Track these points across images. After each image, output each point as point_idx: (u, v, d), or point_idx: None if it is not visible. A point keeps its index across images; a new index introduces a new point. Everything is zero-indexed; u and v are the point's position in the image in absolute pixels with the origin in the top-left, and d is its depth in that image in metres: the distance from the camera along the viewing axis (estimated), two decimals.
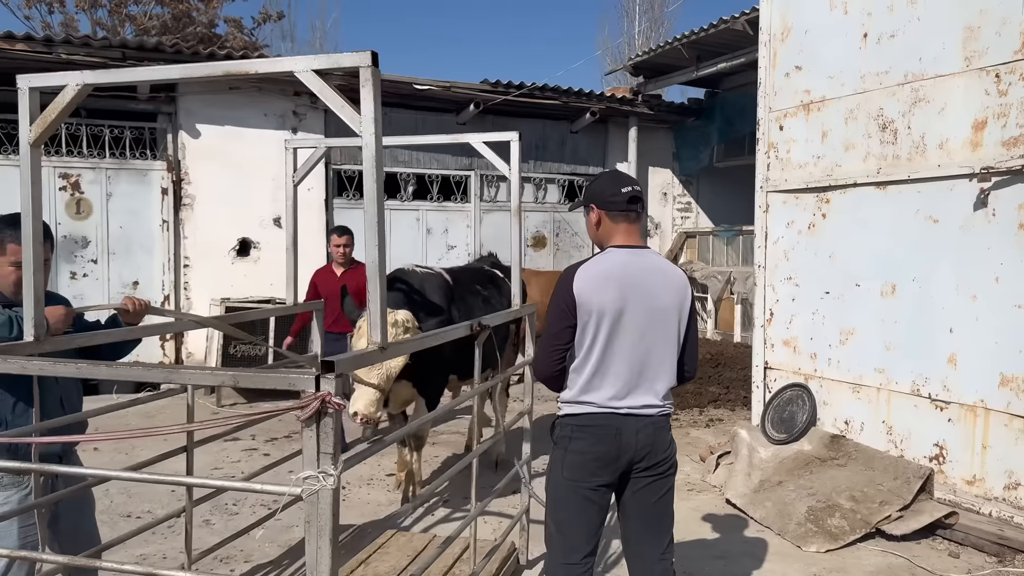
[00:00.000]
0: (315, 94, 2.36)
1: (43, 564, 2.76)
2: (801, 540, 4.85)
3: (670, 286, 2.88)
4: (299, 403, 2.10)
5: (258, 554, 4.64)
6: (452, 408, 6.45)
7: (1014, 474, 4.83)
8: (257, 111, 9.77)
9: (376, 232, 2.41)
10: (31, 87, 2.67)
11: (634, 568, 2.98)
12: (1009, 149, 4.82)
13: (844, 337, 5.95)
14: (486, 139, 4.25)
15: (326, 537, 2.14)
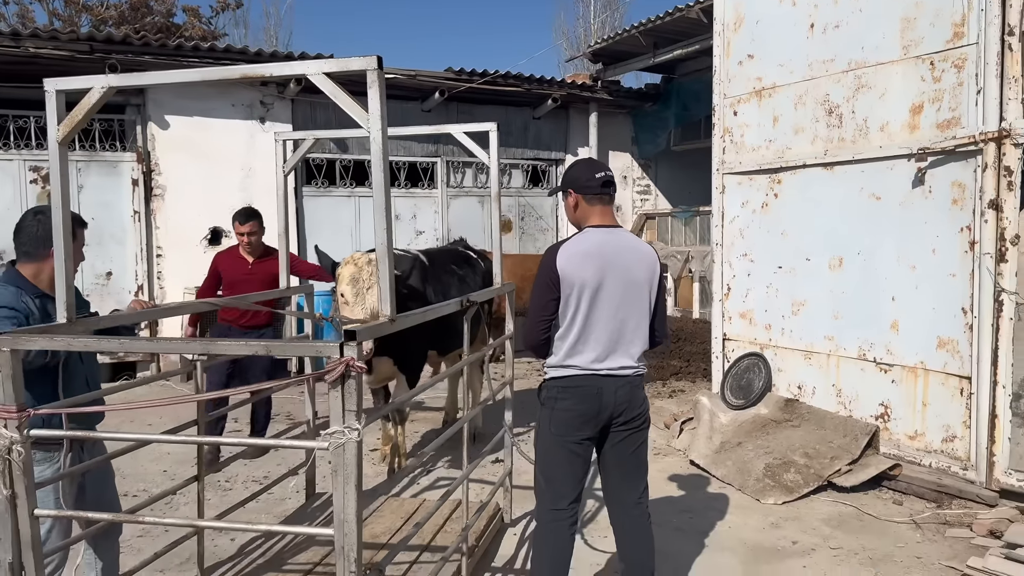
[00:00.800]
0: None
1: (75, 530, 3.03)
2: (760, 494, 5.28)
3: (642, 261, 3.23)
4: (326, 368, 2.41)
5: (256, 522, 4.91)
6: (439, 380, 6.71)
7: (950, 428, 5.30)
8: (225, 102, 9.89)
9: (384, 216, 2.71)
10: (57, 89, 2.89)
11: (614, 512, 3.35)
12: (943, 131, 5.26)
13: (796, 308, 6.39)
14: (466, 129, 4.55)
15: (352, 483, 2.45)
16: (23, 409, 2.63)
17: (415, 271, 5.63)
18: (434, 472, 5.88)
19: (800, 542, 4.56)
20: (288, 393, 8.47)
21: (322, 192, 10.69)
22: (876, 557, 4.32)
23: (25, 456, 2.64)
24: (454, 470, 5.88)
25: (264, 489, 4.71)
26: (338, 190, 10.88)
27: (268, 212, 10.03)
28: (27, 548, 2.71)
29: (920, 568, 4.18)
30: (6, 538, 2.68)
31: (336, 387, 2.43)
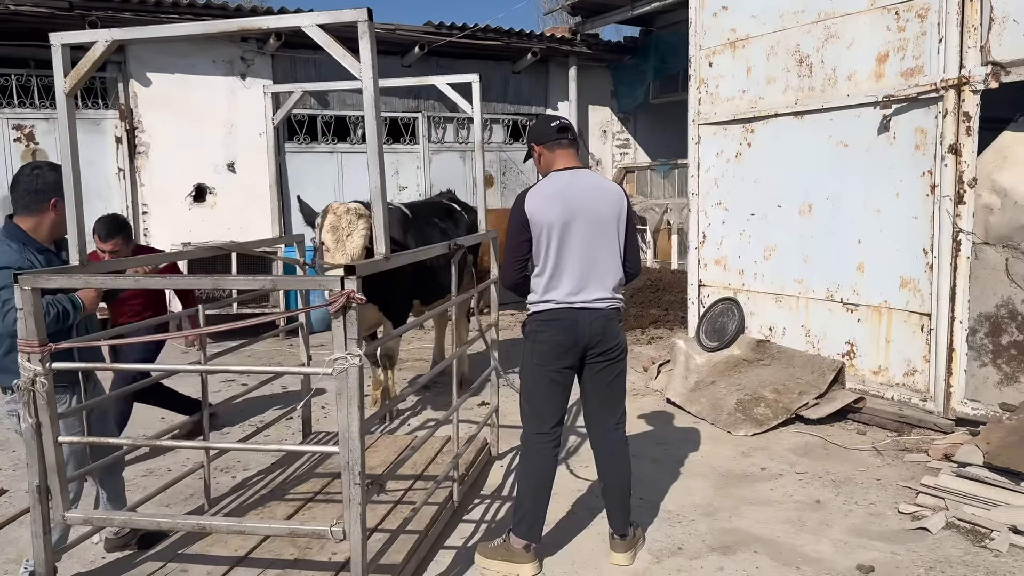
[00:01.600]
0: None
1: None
2: (731, 427, 5.59)
3: (607, 198, 3.46)
4: (329, 300, 2.63)
5: (254, 463, 5.15)
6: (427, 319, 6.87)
7: (911, 363, 5.61)
8: (206, 58, 9.91)
9: (377, 163, 2.91)
10: (63, 43, 3.03)
11: (594, 436, 3.63)
12: (907, 79, 5.48)
13: (768, 254, 6.65)
14: (449, 80, 4.72)
15: (355, 405, 2.69)
16: (45, 344, 2.84)
17: (397, 223, 5.81)
18: (423, 414, 6.14)
19: (768, 468, 4.88)
20: (280, 345, 8.69)
21: (304, 148, 10.77)
22: (839, 480, 4.64)
23: (48, 387, 2.85)
24: (443, 412, 6.14)
25: (263, 428, 4.97)
26: (320, 146, 10.97)
27: (250, 167, 10.23)
28: (52, 473, 2.94)
29: (878, 488, 4.50)
30: (33, 464, 2.90)
31: (338, 317, 2.65)
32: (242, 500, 4.13)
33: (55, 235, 3.42)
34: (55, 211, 3.33)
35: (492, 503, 4.40)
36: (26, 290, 2.78)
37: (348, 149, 11.18)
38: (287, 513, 3.90)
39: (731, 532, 3.98)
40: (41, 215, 3.34)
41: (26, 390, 2.83)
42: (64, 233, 3.28)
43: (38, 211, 3.33)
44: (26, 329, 2.81)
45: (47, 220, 3.34)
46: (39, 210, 3.33)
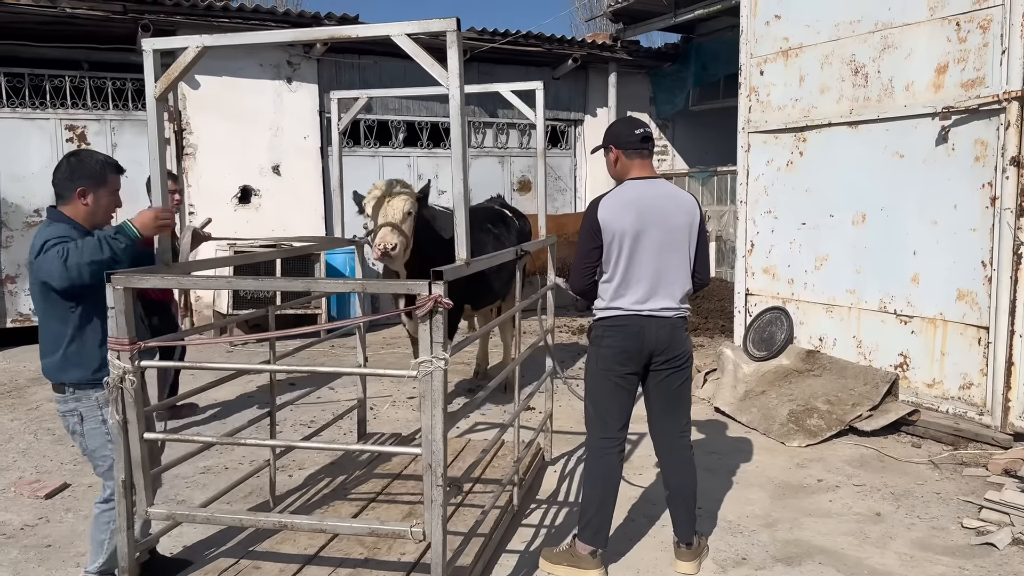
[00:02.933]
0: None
1: None
2: (784, 437, 5.56)
3: (681, 208, 3.47)
4: (417, 304, 2.66)
5: (308, 463, 5.21)
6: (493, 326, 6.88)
7: (967, 376, 5.56)
8: (253, 61, 10.05)
9: (461, 167, 2.94)
10: (154, 49, 3.10)
11: (658, 444, 3.64)
12: (967, 90, 5.44)
13: (819, 263, 6.62)
14: (513, 88, 4.75)
15: (439, 407, 2.72)
16: (134, 342, 2.90)
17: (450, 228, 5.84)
18: (471, 417, 6.18)
19: (825, 480, 4.85)
20: (323, 347, 8.77)
21: (347, 152, 10.86)
22: (897, 493, 4.61)
23: (136, 384, 2.91)
24: (488, 415, 6.18)
25: (321, 429, 5.01)
26: (362, 150, 11.08)
27: (295, 170, 10.36)
28: (137, 468, 3.00)
29: (939, 502, 4.46)
30: (119, 459, 2.96)
31: (425, 321, 2.68)
32: (306, 499, 4.18)
33: (94, 225, 3.26)
34: (83, 200, 3.21)
35: (549, 508, 4.41)
36: (118, 289, 2.84)
37: (389, 153, 11.28)
38: (351, 512, 3.94)
39: (793, 543, 3.97)
40: (74, 204, 3.22)
41: (115, 387, 2.90)
42: (102, 223, 3.28)
43: (70, 200, 3.22)
44: (116, 327, 2.88)
45: (81, 210, 3.22)
46: (70, 199, 3.21)
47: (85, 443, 3.25)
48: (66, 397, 3.21)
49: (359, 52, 10.68)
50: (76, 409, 3.21)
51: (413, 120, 11.39)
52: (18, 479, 4.94)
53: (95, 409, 3.18)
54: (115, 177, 3.36)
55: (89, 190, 3.22)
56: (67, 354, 3.15)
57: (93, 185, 3.23)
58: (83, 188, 3.21)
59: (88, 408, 3.19)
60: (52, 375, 3.21)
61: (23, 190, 9.13)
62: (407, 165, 11.41)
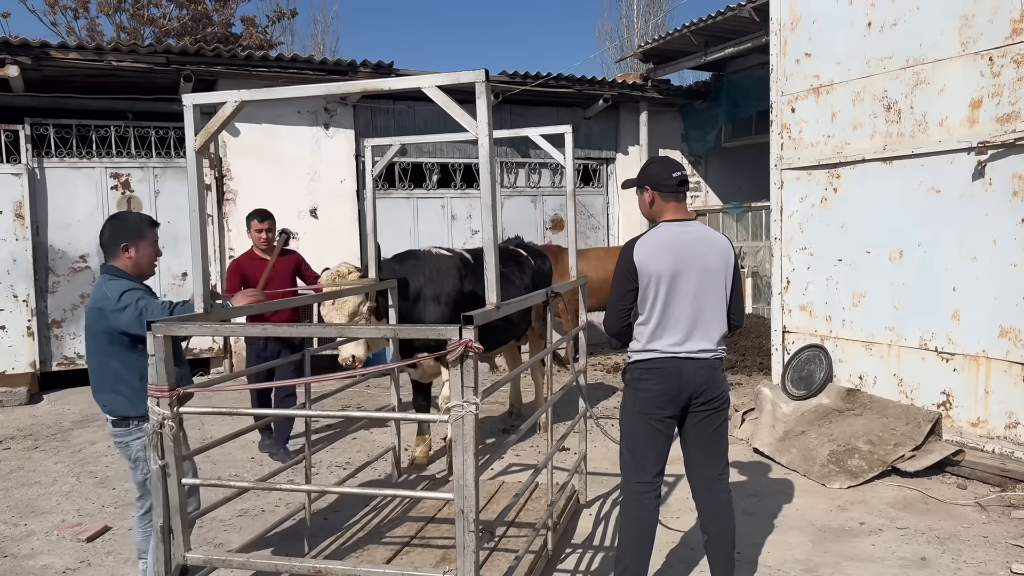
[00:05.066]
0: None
1: None
2: (825, 479, 5.46)
3: (716, 250, 3.47)
4: (448, 348, 2.69)
5: (343, 505, 5.22)
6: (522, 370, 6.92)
7: (1013, 415, 5.42)
8: (291, 108, 10.29)
9: (491, 211, 2.98)
10: (194, 104, 3.21)
11: (696, 488, 3.59)
12: (1003, 124, 5.38)
13: (856, 300, 6.53)
14: (543, 132, 4.81)
15: (471, 452, 2.73)
16: (174, 389, 2.97)
17: (454, 269, 5.85)
18: (505, 458, 6.16)
19: (867, 523, 4.74)
20: (359, 387, 8.82)
21: (382, 194, 11.03)
22: (943, 536, 4.48)
23: (176, 430, 2.97)
24: (522, 455, 6.15)
25: (356, 471, 5.04)
26: (397, 192, 11.24)
27: (331, 213, 10.54)
28: (175, 514, 3.05)
29: (986, 546, 4.33)
30: (158, 505, 3.02)
31: (456, 365, 2.71)
32: (340, 543, 4.19)
33: (140, 275, 3.69)
34: (127, 255, 3.62)
35: (585, 552, 4.37)
36: (158, 337, 2.92)
37: (423, 195, 11.43)
38: (386, 557, 3.94)
39: None
40: (121, 259, 3.63)
41: (155, 433, 2.96)
42: (147, 275, 3.72)
43: (116, 256, 3.63)
44: (156, 374, 2.95)
45: (127, 263, 3.63)
46: (115, 256, 3.64)
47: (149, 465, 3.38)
48: (131, 429, 3.58)
49: (394, 98, 10.89)
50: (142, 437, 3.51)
51: (447, 162, 11.55)
52: (61, 522, 5.03)
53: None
54: (152, 231, 3.75)
55: (131, 245, 3.63)
56: (138, 391, 3.40)
57: (135, 240, 3.64)
58: (126, 244, 3.62)
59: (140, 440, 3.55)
60: (120, 409, 3.56)
61: (69, 237, 9.40)
62: (441, 206, 11.55)
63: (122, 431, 3.60)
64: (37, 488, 5.74)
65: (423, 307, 5.60)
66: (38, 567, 4.36)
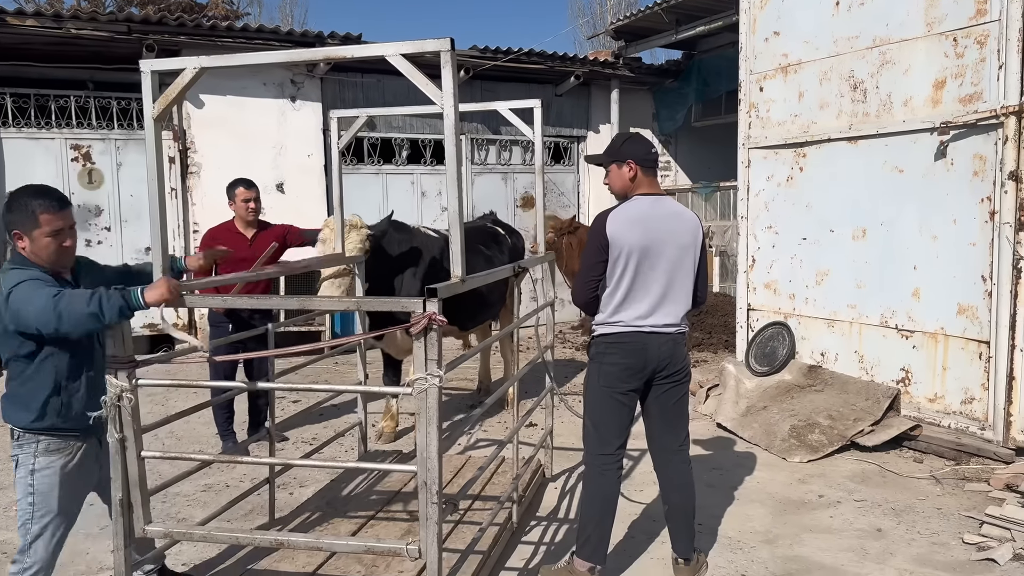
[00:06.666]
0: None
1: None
2: (786, 453, 5.55)
3: (685, 227, 3.49)
4: (411, 321, 2.68)
5: (310, 480, 5.22)
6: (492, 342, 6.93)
7: (969, 391, 5.54)
8: (257, 80, 10.12)
9: (456, 186, 2.95)
10: (152, 70, 3.13)
11: (657, 459, 3.64)
12: (965, 105, 5.46)
13: (820, 278, 6.62)
14: (511, 106, 4.78)
15: (434, 425, 2.73)
16: (132, 359, 2.93)
17: (437, 250, 5.84)
18: (473, 433, 6.17)
19: (826, 495, 4.83)
20: (326, 363, 8.77)
21: (351, 169, 10.92)
22: (899, 508, 4.59)
23: (135, 402, 2.93)
24: (490, 431, 6.17)
25: (321, 446, 5.03)
26: (366, 167, 11.13)
27: (298, 189, 10.41)
28: (135, 487, 3.01)
29: (940, 517, 4.44)
30: (117, 478, 2.98)
31: (419, 338, 2.70)
32: (305, 517, 4.18)
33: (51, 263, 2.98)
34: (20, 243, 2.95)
35: (549, 525, 4.40)
36: None
37: (393, 171, 11.33)
38: (350, 530, 3.94)
39: (794, 559, 3.95)
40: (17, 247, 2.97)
41: (112, 405, 2.91)
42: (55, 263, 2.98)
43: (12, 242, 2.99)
44: (114, 345, 2.90)
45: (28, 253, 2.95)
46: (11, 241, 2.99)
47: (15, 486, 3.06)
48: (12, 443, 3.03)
49: (362, 71, 10.75)
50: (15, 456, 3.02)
51: (416, 138, 11.45)
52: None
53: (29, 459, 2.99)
54: (53, 216, 2.93)
55: (23, 233, 2.94)
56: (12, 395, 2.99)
57: (26, 229, 2.93)
58: (17, 232, 2.94)
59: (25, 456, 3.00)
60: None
61: None
62: (411, 182, 11.46)
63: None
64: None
65: (405, 282, 5.59)
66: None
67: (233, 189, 5.94)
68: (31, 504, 2.97)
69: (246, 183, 5.89)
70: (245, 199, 5.82)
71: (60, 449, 3.01)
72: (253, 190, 5.86)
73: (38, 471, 2.96)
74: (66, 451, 3.03)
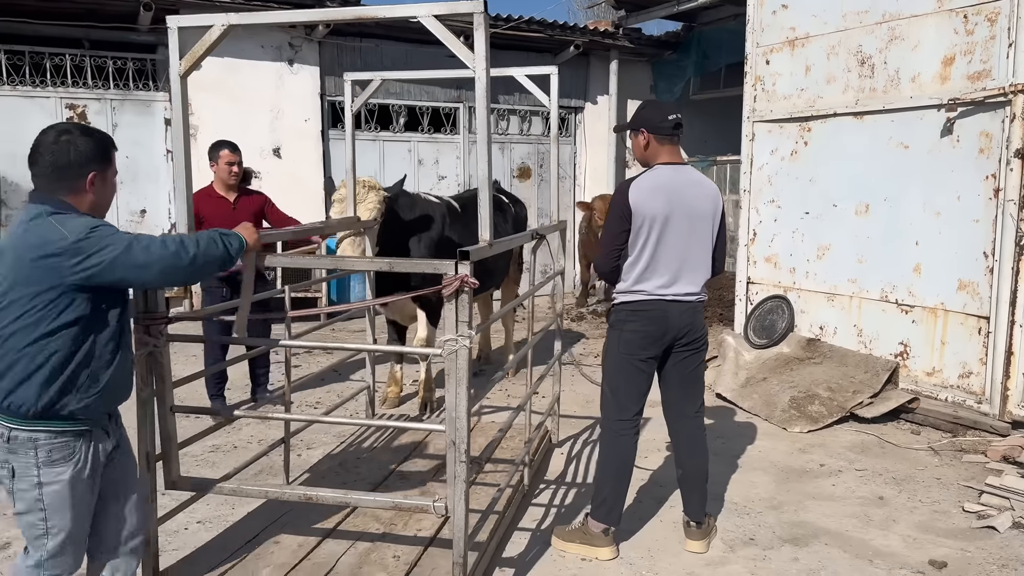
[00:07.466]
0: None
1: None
2: (786, 423, 5.64)
3: (706, 196, 3.52)
4: (443, 283, 2.70)
5: (317, 443, 5.25)
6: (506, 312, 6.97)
7: (967, 365, 5.64)
8: (254, 43, 10.00)
9: (486, 150, 2.97)
10: (180, 27, 3.12)
11: (673, 424, 3.70)
12: (974, 82, 5.49)
13: (821, 253, 6.68)
14: (528, 72, 4.79)
15: (464, 385, 2.77)
16: (165, 316, 2.93)
17: (439, 217, 5.83)
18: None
19: (827, 465, 4.93)
20: (323, 331, 8.78)
21: None
22: (899, 478, 4.69)
23: (165, 357, 2.95)
24: (492, 397, 6.23)
25: (332, 409, 5.06)
26: (363, 134, 11.04)
27: (295, 153, 10.34)
28: (167, 440, 3.04)
29: (940, 487, 4.55)
30: (144, 431, 2.99)
31: (451, 300, 2.73)
32: (320, 476, 4.22)
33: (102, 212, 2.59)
34: (93, 190, 2.51)
35: (558, 489, 4.47)
36: None
37: (390, 137, 11.26)
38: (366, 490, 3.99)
39: (799, 525, 4.04)
40: (78, 195, 2.49)
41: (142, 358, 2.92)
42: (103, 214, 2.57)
43: (73, 190, 2.48)
44: (147, 300, 2.91)
45: (85, 201, 2.49)
46: (75, 188, 2.48)
47: (13, 501, 2.46)
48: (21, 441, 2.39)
49: (361, 35, 10.65)
50: (7, 462, 2.40)
51: (414, 105, 11.37)
52: None
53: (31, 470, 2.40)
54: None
55: (99, 175, 2.52)
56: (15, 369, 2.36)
57: (104, 166, 2.54)
58: (95, 173, 2.50)
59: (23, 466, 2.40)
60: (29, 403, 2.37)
61: (23, 169, 8.99)
62: (408, 150, 11.40)
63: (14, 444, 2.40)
64: None
65: (422, 246, 5.59)
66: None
67: (217, 151, 5.79)
68: (43, 520, 2.43)
69: (231, 145, 5.78)
70: (229, 162, 5.72)
71: (64, 458, 2.42)
72: (237, 154, 5.78)
73: (46, 485, 2.39)
74: (71, 458, 2.43)
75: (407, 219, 5.55)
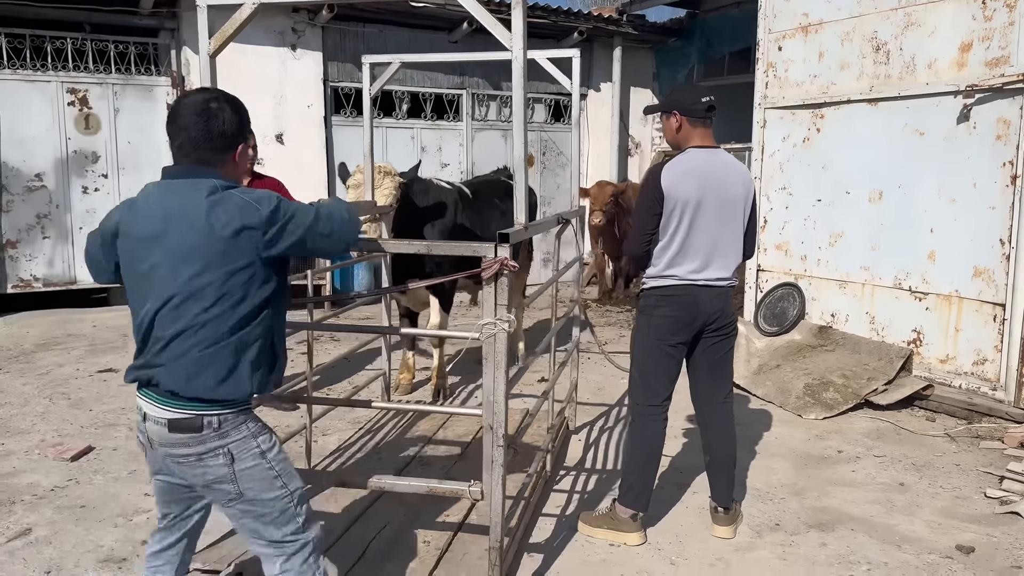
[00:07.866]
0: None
1: None
2: (801, 410, 5.63)
3: (739, 180, 3.48)
4: (483, 266, 2.67)
5: (331, 429, 5.21)
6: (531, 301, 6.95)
7: (981, 352, 5.64)
8: (257, 27, 9.84)
9: (522, 131, 2.93)
10: (209, 4, 3.06)
11: (702, 410, 3.68)
12: (992, 68, 5.47)
13: (833, 240, 6.67)
14: (549, 55, 4.75)
15: (501, 369, 2.74)
16: None
17: (451, 204, 5.79)
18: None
19: (845, 451, 4.93)
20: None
21: (350, 122, 10.78)
22: (918, 464, 4.69)
23: None
24: None
25: (352, 394, 5.02)
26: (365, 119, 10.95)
27: (298, 139, 10.27)
28: None
29: (960, 473, 4.55)
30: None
31: (490, 283, 2.69)
32: (340, 464, 4.20)
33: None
34: (238, 160, 2.34)
35: (579, 475, 4.45)
36: None
37: (392, 124, 11.18)
38: None
39: (823, 511, 4.04)
40: (227, 166, 2.29)
41: None
42: None
43: (224, 161, 2.28)
44: None
45: (232, 172, 2.31)
46: (225, 159, 2.29)
47: (239, 489, 2.23)
48: (204, 436, 2.16)
49: (364, 20, 10.56)
50: (224, 447, 2.19)
51: (417, 91, 11.29)
52: (40, 441, 4.92)
53: (249, 443, 2.22)
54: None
55: (244, 145, 2.37)
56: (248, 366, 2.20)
57: (249, 136, 2.42)
58: (243, 146, 2.36)
59: (239, 444, 2.21)
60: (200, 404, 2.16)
61: (24, 154, 8.96)
62: (411, 137, 11.32)
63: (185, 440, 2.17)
64: (9, 408, 5.59)
65: (436, 231, 5.55)
66: (24, 484, 4.27)
67: None
68: (283, 487, 2.28)
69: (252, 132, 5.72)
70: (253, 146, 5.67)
71: (263, 427, 2.30)
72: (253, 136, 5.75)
73: (268, 451, 2.25)
74: (267, 427, 2.33)
75: (422, 205, 5.50)
